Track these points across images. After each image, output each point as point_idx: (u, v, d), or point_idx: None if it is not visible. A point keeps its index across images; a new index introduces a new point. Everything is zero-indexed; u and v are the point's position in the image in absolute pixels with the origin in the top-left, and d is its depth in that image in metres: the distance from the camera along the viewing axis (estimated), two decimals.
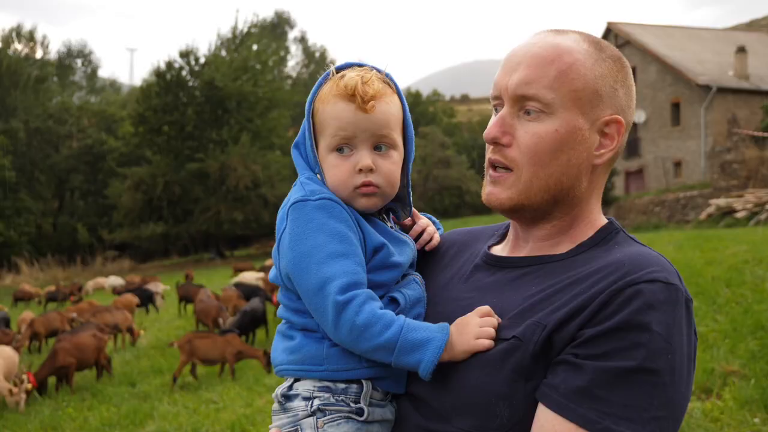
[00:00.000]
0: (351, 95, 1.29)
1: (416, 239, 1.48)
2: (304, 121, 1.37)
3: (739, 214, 18.00)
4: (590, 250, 1.27)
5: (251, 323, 10.40)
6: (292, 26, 72.17)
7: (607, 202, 25.93)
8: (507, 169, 1.27)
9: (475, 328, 1.19)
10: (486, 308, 1.22)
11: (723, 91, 28.76)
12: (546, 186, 1.25)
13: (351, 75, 1.32)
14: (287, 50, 62.22)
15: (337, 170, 1.32)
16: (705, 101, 28.67)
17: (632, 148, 32.39)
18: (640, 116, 31.38)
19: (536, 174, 1.25)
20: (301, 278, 1.25)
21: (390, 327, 1.20)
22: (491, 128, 1.27)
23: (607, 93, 1.25)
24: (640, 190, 30.29)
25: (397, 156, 1.36)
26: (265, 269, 18.33)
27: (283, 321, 1.39)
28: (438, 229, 1.58)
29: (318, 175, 1.36)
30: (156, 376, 10.07)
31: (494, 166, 1.29)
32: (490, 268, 1.35)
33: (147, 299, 16.68)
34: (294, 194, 1.32)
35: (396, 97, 1.35)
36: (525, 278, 1.27)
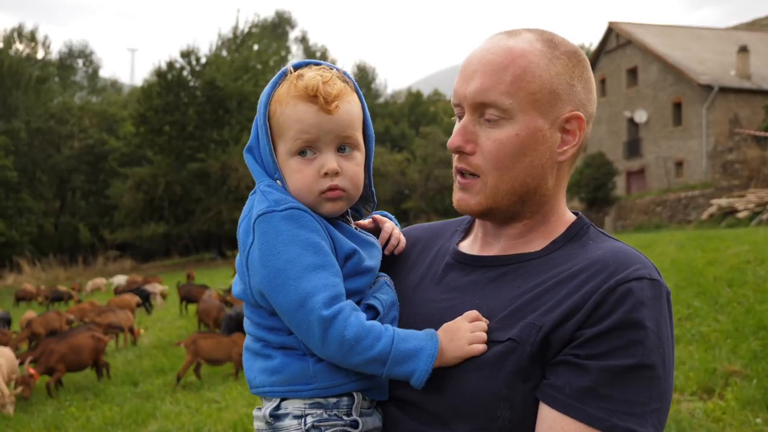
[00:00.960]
0: (313, 96, 1.23)
1: (384, 246, 1.43)
2: (258, 123, 1.30)
3: (740, 214, 18.00)
4: (565, 247, 1.28)
5: (236, 328, 10.41)
6: (293, 26, 72.26)
7: (608, 202, 25.93)
8: (474, 175, 1.28)
9: (467, 334, 1.18)
10: (475, 313, 1.21)
11: (725, 90, 28.70)
12: (512, 188, 1.26)
13: (310, 75, 1.25)
14: (288, 50, 62.15)
15: (300, 175, 1.26)
16: (707, 101, 28.63)
17: (634, 148, 32.35)
18: (641, 116, 31.35)
19: (501, 178, 1.26)
20: (278, 295, 1.19)
21: (380, 339, 1.17)
22: (454, 137, 1.28)
23: (565, 90, 1.25)
24: (641, 190, 30.25)
25: (360, 157, 1.31)
26: None
27: (253, 338, 1.31)
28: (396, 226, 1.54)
29: (278, 182, 1.29)
30: (158, 375, 10.09)
31: (461, 173, 1.30)
32: (464, 267, 1.34)
33: (144, 299, 16.70)
34: (257, 205, 1.25)
35: (356, 96, 1.30)
36: (505, 278, 1.27)
